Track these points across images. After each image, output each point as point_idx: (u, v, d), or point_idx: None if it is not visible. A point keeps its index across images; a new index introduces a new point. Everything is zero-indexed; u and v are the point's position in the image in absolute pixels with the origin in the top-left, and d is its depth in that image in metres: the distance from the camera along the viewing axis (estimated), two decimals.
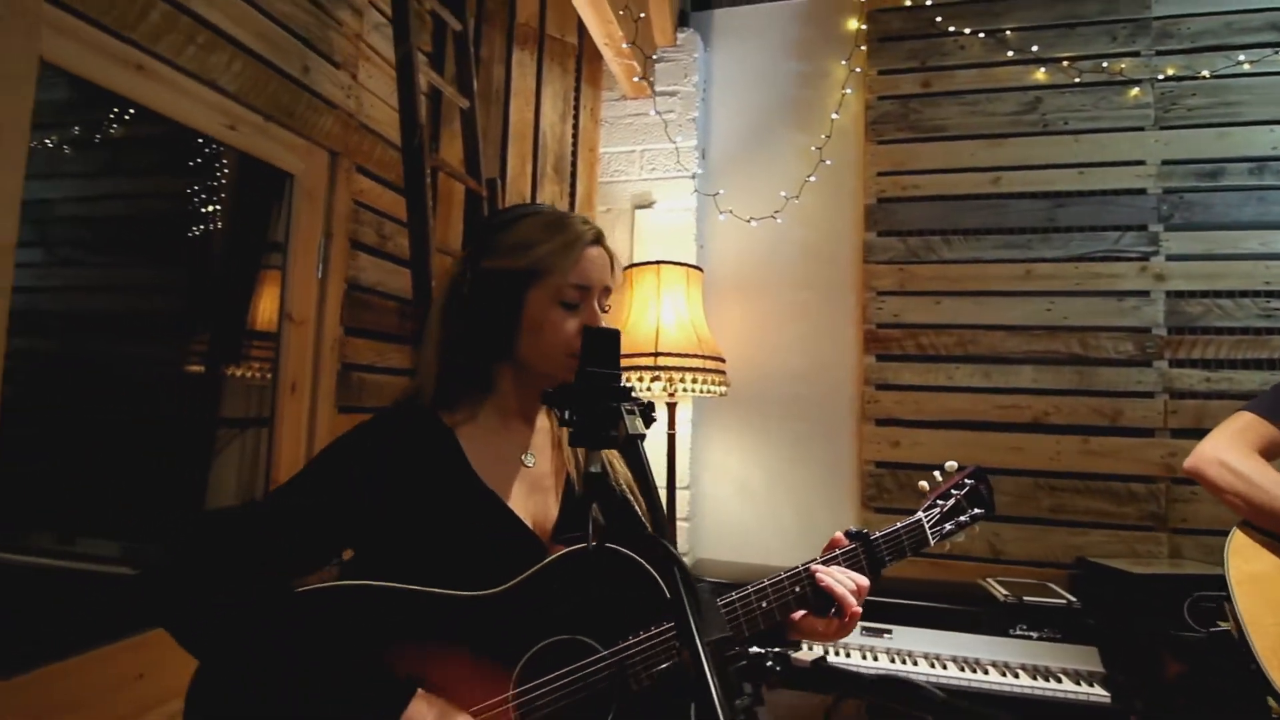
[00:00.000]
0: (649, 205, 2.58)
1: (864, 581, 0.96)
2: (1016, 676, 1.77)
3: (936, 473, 1.12)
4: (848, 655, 1.88)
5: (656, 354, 2.12)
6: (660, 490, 2.20)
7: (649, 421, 0.76)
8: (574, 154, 2.58)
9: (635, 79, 2.43)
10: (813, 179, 2.50)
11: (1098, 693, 1.69)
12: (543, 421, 1.04)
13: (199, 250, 2.12)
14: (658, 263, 2.24)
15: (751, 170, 2.62)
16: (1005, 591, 1.98)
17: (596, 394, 0.76)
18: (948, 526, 1.06)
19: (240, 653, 0.78)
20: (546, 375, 0.94)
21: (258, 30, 1.60)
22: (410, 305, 2.06)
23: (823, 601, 0.95)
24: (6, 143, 1.13)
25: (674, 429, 2.30)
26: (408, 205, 1.75)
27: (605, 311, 0.99)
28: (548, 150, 2.51)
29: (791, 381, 2.55)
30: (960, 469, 1.12)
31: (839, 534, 1.03)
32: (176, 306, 2.27)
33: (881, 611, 1.97)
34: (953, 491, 1.09)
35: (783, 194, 2.51)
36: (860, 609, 0.94)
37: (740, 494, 2.57)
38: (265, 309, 1.91)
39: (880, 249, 2.47)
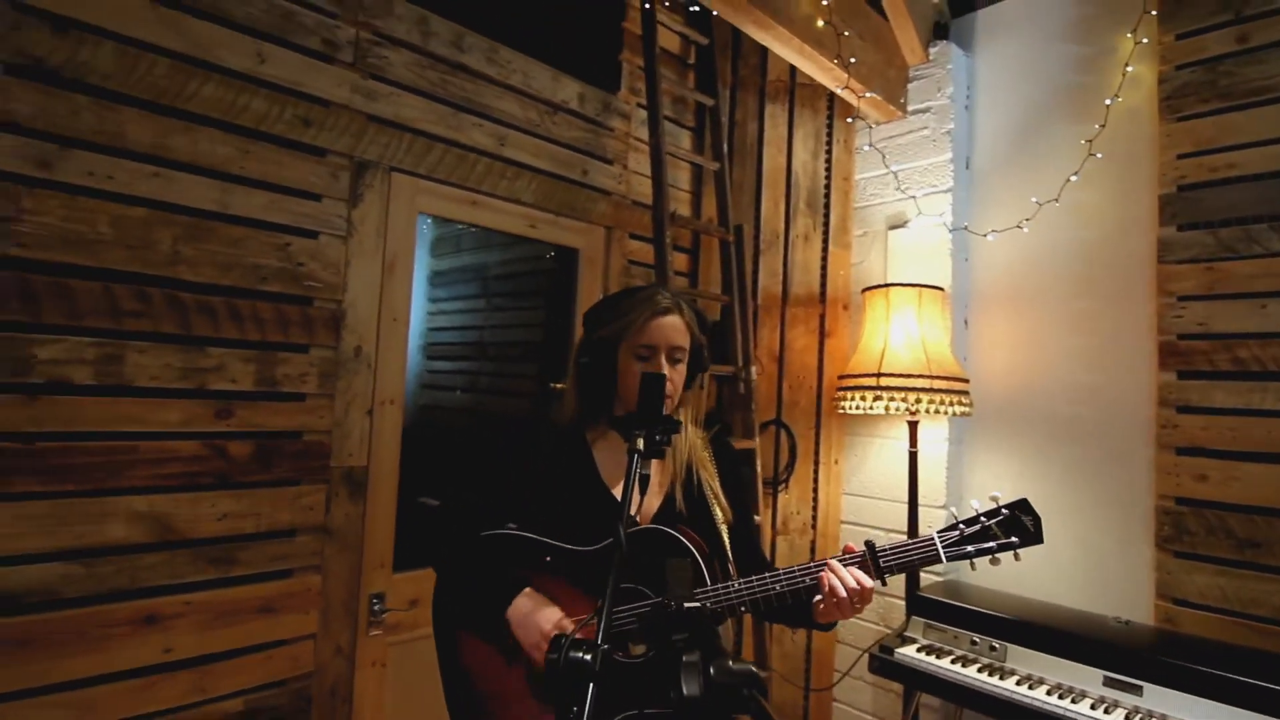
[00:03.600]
0: (902, 225, 2.63)
1: (863, 579, 1.09)
2: None
3: (974, 502, 1.15)
4: (1074, 701, 1.73)
5: (879, 375, 2.22)
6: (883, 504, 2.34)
7: (650, 443, 1.10)
8: (828, 185, 2.78)
9: (858, 104, 2.54)
10: (1075, 179, 2.24)
11: None
12: None
13: (546, 299, 3.01)
14: (886, 286, 2.33)
15: (1021, 174, 2.45)
16: None
17: (636, 422, 1.13)
18: (969, 549, 1.10)
19: (447, 568, 1.38)
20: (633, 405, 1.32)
21: (549, 155, 2.29)
22: None
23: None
24: (403, 262, 1.97)
25: (915, 447, 2.33)
26: (655, 258, 2.27)
27: (678, 361, 1.32)
28: (800, 188, 2.77)
29: (1070, 401, 2.32)
30: (999, 500, 1.13)
31: (850, 544, 1.17)
32: (536, 337, 3.23)
33: (1136, 665, 1.75)
34: (982, 518, 1.11)
35: (1034, 200, 2.31)
36: (847, 596, 1.08)
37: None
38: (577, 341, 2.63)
39: (1180, 245, 2.09)
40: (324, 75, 1.81)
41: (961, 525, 1.14)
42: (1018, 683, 1.83)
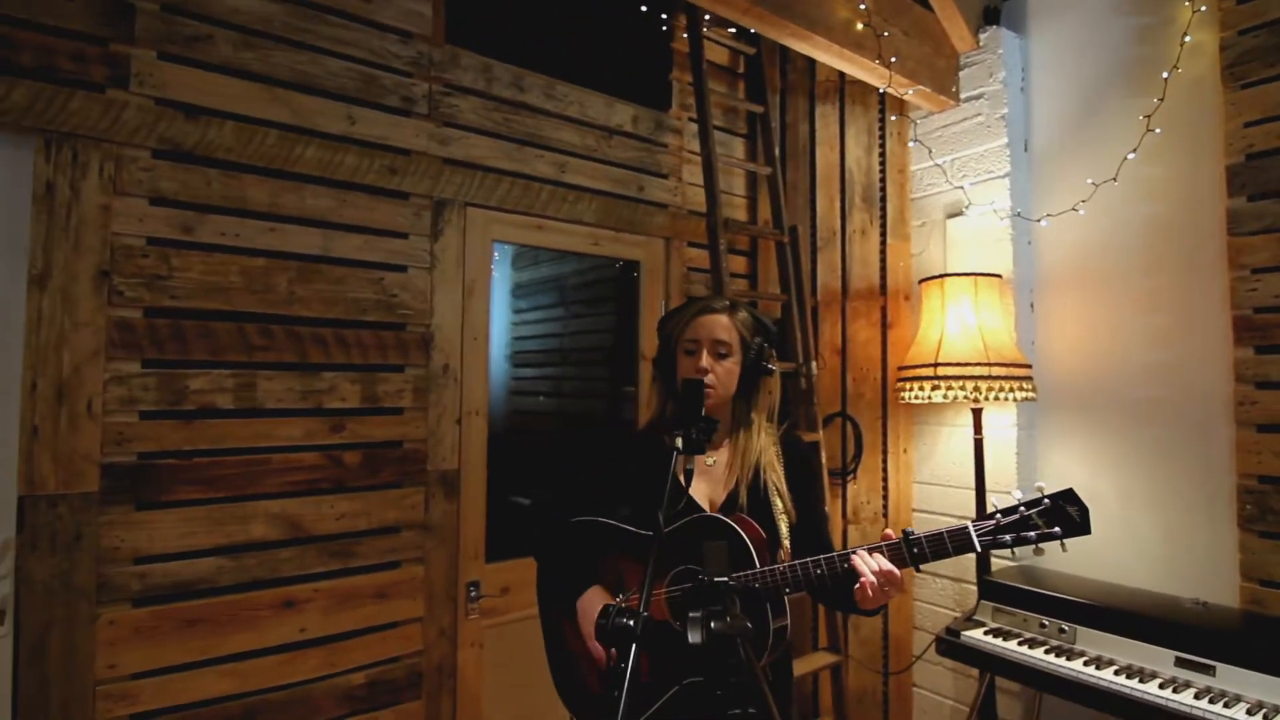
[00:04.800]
0: (959, 213, 2.64)
1: (885, 565, 1.19)
2: None
3: (1016, 491, 1.20)
4: (1142, 680, 1.74)
5: (936, 365, 2.26)
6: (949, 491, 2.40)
7: (687, 441, 1.24)
8: (883, 179, 2.81)
9: (905, 98, 2.57)
10: (1132, 156, 2.19)
11: None
12: (724, 433, 1.53)
13: (618, 305, 3.19)
14: (941, 277, 2.36)
15: (1082, 154, 2.41)
16: None
17: (677, 422, 1.28)
18: (1005, 538, 1.16)
19: (542, 559, 1.55)
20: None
21: (607, 177, 2.47)
22: None
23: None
24: (480, 286, 2.19)
25: (980, 434, 2.36)
26: (710, 263, 2.41)
27: (723, 356, 1.45)
28: (854, 183, 2.82)
29: (1143, 381, 2.27)
30: (1044, 490, 1.19)
31: (889, 531, 1.26)
32: (610, 342, 3.42)
33: (1208, 645, 1.73)
34: (1021, 508, 1.17)
35: (1090, 181, 2.27)
36: (875, 580, 1.18)
37: (1089, 507, 2.39)
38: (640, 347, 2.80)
39: (1250, 216, 2.02)
40: (404, 128, 2.06)
41: (999, 514, 1.19)
42: (1085, 663, 1.85)
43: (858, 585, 1.22)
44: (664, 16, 2.61)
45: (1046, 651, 1.92)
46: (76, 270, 1.60)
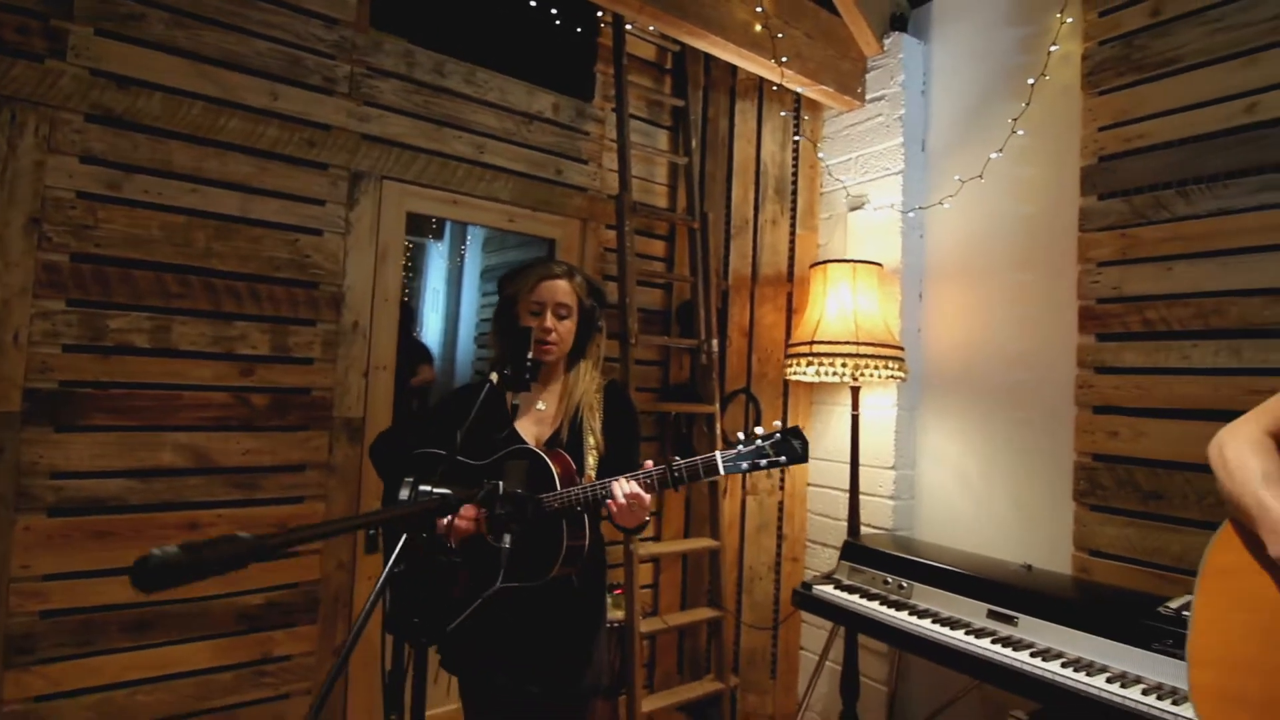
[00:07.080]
0: (860, 207, 2.81)
1: (633, 489, 1.39)
2: (1124, 688, 1.57)
3: (759, 428, 1.40)
4: (953, 628, 1.91)
5: (812, 343, 2.44)
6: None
7: (502, 377, 1.43)
8: (795, 173, 2.99)
9: (801, 96, 2.73)
10: (996, 155, 2.36)
11: None
12: (557, 383, 1.74)
13: None
14: (824, 263, 2.53)
15: (970, 154, 2.58)
16: (1175, 606, 1.68)
17: (503, 364, 1.47)
18: (744, 465, 1.36)
19: (386, 478, 1.73)
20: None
21: (525, 159, 2.66)
22: (655, 313, 2.87)
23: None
24: (394, 253, 2.39)
25: (857, 410, 2.54)
26: (617, 242, 2.60)
27: (564, 317, 1.65)
28: (768, 176, 3.00)
29: (1010, 367, 2.44)
30: (779, 427, 1.38)
31: (649, 461, 1.45)
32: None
33: (1013, 600, 1.91)
34: (759, 440, 1.37)
35: (957, 177, 2.44)
36: (624, 502, 1.38)
37: (958, 482, 2.57)
38: None
39: (1099, 214, 2.18)
40: (325, 105, 2.26)
41: (741, 446, 1.40)
42: (910, 614, 2.02)
43: (610, 504, 1.42)
44: (573, 16, 2.77)
45: (882, 604, 2.10)
46: (9, 217, 1.82)
